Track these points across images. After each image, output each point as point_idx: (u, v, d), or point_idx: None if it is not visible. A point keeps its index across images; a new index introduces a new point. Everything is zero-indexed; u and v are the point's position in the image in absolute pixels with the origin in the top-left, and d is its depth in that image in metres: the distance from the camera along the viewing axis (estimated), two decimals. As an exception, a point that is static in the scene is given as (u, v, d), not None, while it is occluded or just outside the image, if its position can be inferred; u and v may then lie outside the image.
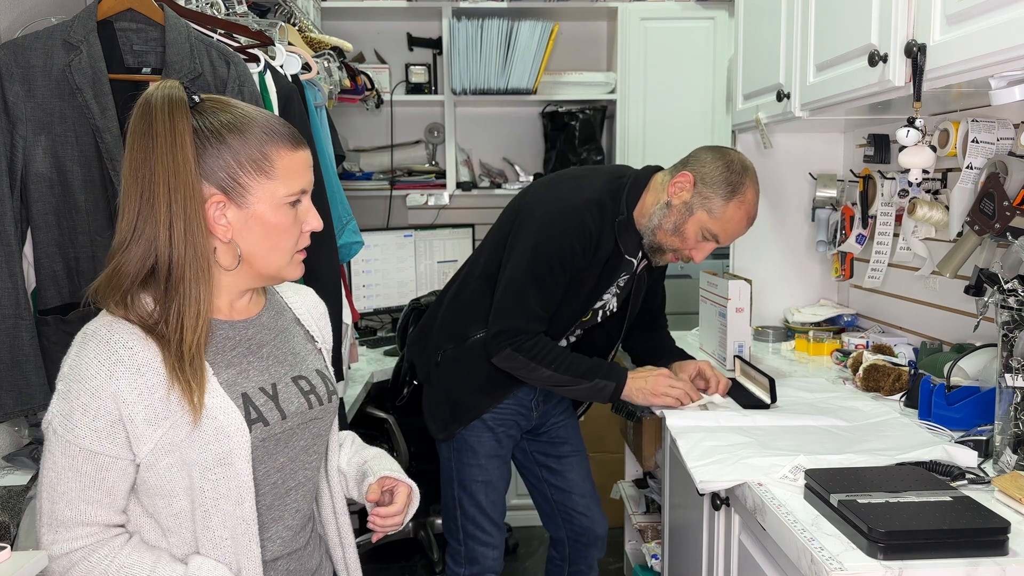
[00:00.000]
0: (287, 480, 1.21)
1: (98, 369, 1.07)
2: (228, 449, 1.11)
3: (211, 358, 1.14)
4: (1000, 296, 1.43)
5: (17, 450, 1.75)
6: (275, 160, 1.13)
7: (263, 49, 1.86)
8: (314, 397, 1.24)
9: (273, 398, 1.18)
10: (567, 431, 2.19)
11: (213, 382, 1.12)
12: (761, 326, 2.63)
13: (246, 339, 1.20)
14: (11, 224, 1.63)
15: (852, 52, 1.74)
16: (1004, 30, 1.25)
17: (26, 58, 1.62)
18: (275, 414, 1.17)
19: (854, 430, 1.68)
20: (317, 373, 1.27)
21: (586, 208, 1.89)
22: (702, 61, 3.41)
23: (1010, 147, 1.72)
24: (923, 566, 1.11)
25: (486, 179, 3.59)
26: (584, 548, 2.21)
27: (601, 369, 1.92)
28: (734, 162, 1.88)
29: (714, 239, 1.90)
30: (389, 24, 3.58)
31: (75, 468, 1.08)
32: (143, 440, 1.08)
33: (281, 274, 1.20)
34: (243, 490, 1.13)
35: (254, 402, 1.15)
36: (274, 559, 1.21)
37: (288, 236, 1.16)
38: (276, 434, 1.17)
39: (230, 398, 1.13)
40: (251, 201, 1.12)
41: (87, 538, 1.10)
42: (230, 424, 1.11)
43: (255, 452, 1.14)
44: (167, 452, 1.09)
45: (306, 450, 1.24)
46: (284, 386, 1.20)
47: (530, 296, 1.86)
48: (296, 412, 1.20)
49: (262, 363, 1.20)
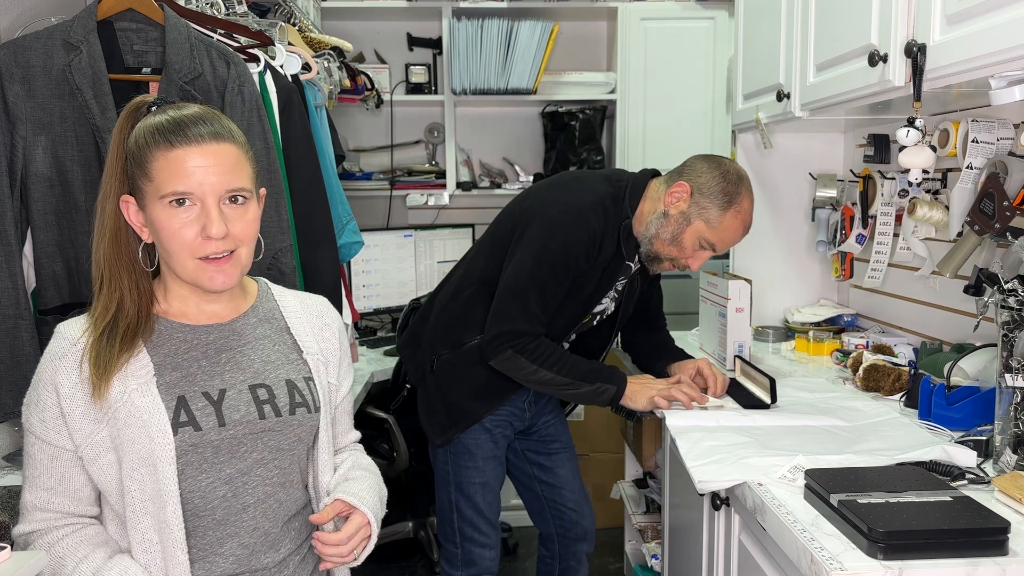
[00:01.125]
0: (240, 495, 1.18)
1: (48, 363, 1.14)
2: (150, 450, 1.11)
3: (158, 359, 1.16)
4: (1000, 296, 1.43)
5: (17, 450, 1.75)
6: (150, 160, 1.12)
7: (263, 49, 1.86)
8: (269, 407, 1.19)
9: (215, 404, 1.16)
10: (556, 429, 2.20)
11: (151, 382, 1.13)
12: (761, 326, 2.63)
13: (204, 343, 1.19)
14: (11, 224, 1.63)
15: (852, 52, 1.74)
16: (1004, 30, 1.25)
17: (26, 58, 1.62)
18: (212, 420, 1.15)
19: (854, 430, 1.68)
20: (286, 384, 1.22)
21: (591, 210, 1.89)
22: (702, 61, 3.41)
23: (1010, 147, 1.72)
24: (923, 566, 1.11)
25: (486, 179, 3.59)
26: (573, 543, 2.22)
27: (602, 372, 1.92)
28: (730, 172, 1.88)
29: (711, 248, 1.91)
30: (389, 24, 3.58)
31: (31, 455, 1.15)
32: (80, 433, 1.12)
33: (194, 281, 1.16)
34: (166, 494, 1.11)
35: (190, 406, 1.14)
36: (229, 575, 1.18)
37: (176, 240, 1.12)
38: (212, 441, 1.15)
39: (162, 399, 1.13)
40: (145, 203, 1.14)
41: (41, 523, 1.15)
42: (154, 425, 1.11)
43: (187, 457, 1.13)
44: (106, 449, 1.12)
45: (262, 463, 1.19)
46: (235, 393, 1.18)
47: (531, 298, 1.86)
48: (241, 421, 1.17)
49: (215, 368, 1.18)
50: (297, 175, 1.85)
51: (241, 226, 1.15)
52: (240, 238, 1.15)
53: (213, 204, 1.12)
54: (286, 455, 1.22)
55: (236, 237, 1.15)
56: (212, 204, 1.12)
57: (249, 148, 1.20)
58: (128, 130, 1.16)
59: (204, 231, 1.12)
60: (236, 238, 1.15)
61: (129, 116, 1.17)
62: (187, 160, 1.11)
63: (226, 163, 1.13)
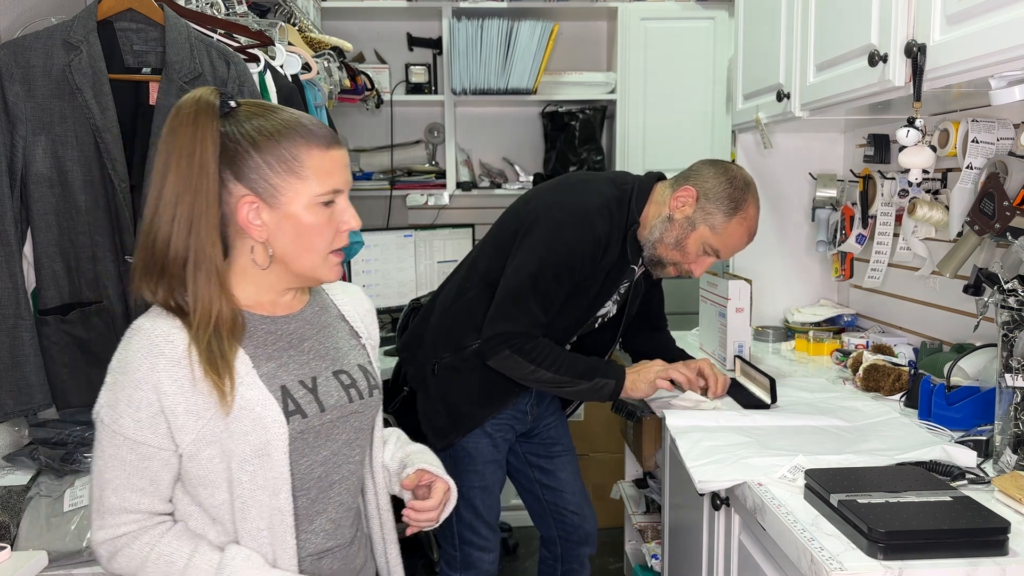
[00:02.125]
0: (331, 474, 1.23)
1: (141, 362, 1.11)
2: (265, 440, 1.13)
3: (251, 351, 1.17)
4: (1000, 296, 1.43)
5: (17, 450, 1.75)
6: (305, 160, 1.14)
7: (263, 49, 1.86)
8: (354, 391, 1.26)
9: (312, 391, 1.20)
10: (558, 431, 2.20)
11: (252, 375, 1.15)
12: (761, 326, 2.63)
13: (287, 333, 1.22)
14: (11, 224, 1.63)
15: (852, 52, 1.74)
16: (1004, 30, 1.25)
17: (26, 58, 1.62)
18: (314, 407, 1.19)
19: (854, 430, 1.68)
20: (359, 368, 1.29)
21: (596, 212, 1.88)
22: (702, 61, 3.41)
23: (1010, 147, 1.72)
24: (923, 566, 1.11)
25: (486, 179, 3.59)
26: (576, 546, 2.21)
27: (599, 368, 1.91)
28: (736, 178, 1.88)
29: (715, 254, 1.90)
30: (389, 24, 3.58)
31: (120, 457, 1.12)
32: (185, 431, 1.11)
33: (316, 275, 1.21)
34: (279, 481, 1.14)
35: (292, 395, 1.17)
36: (319, 554, 1.23)
37: (321, 236, 1.17)
38: (315, 427, 1.19)
39: (268, 390, 1.15)
40: (283, 202, 1.15)
41: (131, 525, 1.14)
42: (267, 416, 1.13)
43: (294, 444, 1.16)
44: (208, 443, 1.12)
45: (348, 444, 1.25)
46: (324, 380, 1.22)
47: (531, 299, 1.85)
48: (335, 405, 1.22)
49: (303, 357, 1.22)
50: (297, 175, 1.84)
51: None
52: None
53: (344, 200, 1.20)
54: (364, 434, 1.30)
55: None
56: (344, 200, 1.19)
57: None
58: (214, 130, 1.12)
59: (343, 224, 1.19)
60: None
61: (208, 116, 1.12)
62: (340, 160, 1.18)
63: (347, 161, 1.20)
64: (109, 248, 1.67)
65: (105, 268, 1.68)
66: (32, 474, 1.66)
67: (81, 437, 1.66)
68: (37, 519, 1.55)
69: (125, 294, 1.69)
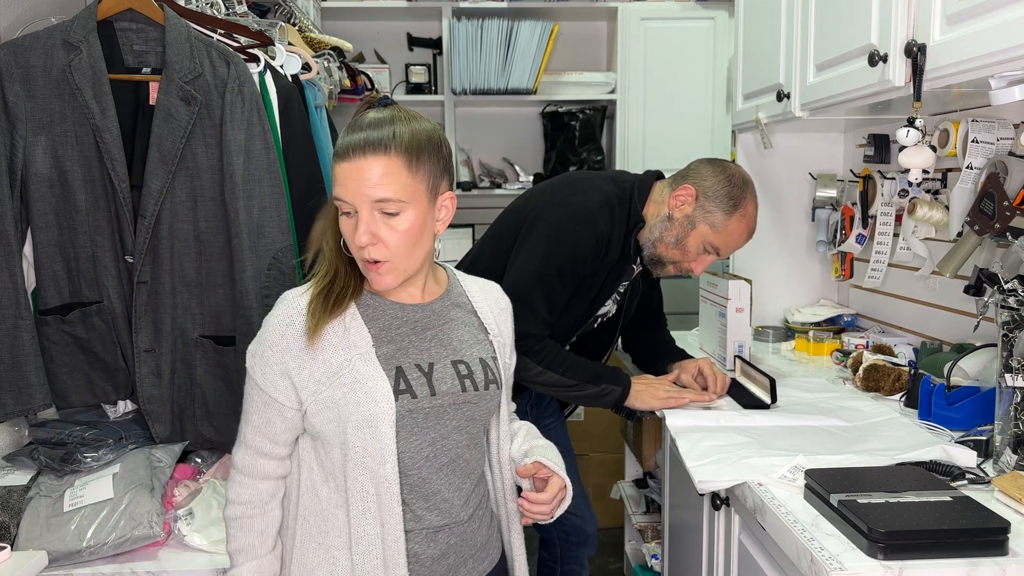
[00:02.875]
0: (439, 455, 1.29)
1: (275, 328, 1.25)
2: (374, 413, 1.22)
3: (376, 332, 1.27)
4: (1000, 296, 1.43)
5: (17, 450, 1.75)
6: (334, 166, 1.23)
7: (263, 49, 1.86)
8: (469, 381, 1.31)
9: (427, 375, 1.27)
10: (557, 433, 2.19)
11: (371, 353, 1.25)
12: (761, 326, 2.63)
13: (412, 320, 1.31)
14: (11, 224, 1.63)
15: (852, 52, 1.74)
16: (1004, 30, 1.25)
17: (26, 58, 1.62)
18: (425, 390, 1.26)
19: (854, 430, 1.68)
20: (480, 361, 1.34)
21: (598, 211, 1.88)
22: (702, 61, 3.41)
23: (1010, 147, 1.72)
24: (923, 566, 1.11)
25: (486, 179, 3.59)
26: (575, 547, 2.21)
27: (607, 374, 1.91)
28: (735, 176, 1.88)
29: (715, 252, 1.90)
30: (389, 24, 3.58)
31: (250, 396, 1.30)
32: (307, 391, 1.24)
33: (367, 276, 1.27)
34: (386, 452, 1.22)
35: (407, 376, 1.26)
36: (435, 529, 1.29)
37: (351, 242, 1.23)
38: (424, 408, 1.26)
39: (383, 369, 1.24)
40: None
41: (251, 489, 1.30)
42: (378, 391, 1.22)
43: (403, 421, 1.24)
44: (327, 407, 1.24)
45: (459, 430, 1.31)
46: (441, 367, 1.29)
47: (537, 300, 1.85)
48: (447, 392, 1.28)
49: (424, 343, 1.30)
50: (297, 175, 1.84)
51: (392, 236, 1.22)
52: (393, 249, 1.22)
53: (365, 213, 1.21)
54: (477, 424, 1.35)
55: (388, 247, 1.22)
56: (364, 213, 1.21)
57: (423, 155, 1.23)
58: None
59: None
60: (388, 248, 1.22)
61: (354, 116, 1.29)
62: (340, 174, 1.21)
63: (373, 174, 1.20)
64: (109, 248, 1.67)
65: (105, 268, 1.68)
66: (32, 474, 1.65)
67: (81, 437, 1.66)
68: (37, 519, 1.55)
69: (125, 294, 1.69)
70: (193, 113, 1.65)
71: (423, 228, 1.25)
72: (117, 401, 1.78)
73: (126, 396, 1.76)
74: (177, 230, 1.68)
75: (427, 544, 1.29)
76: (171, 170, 1.64)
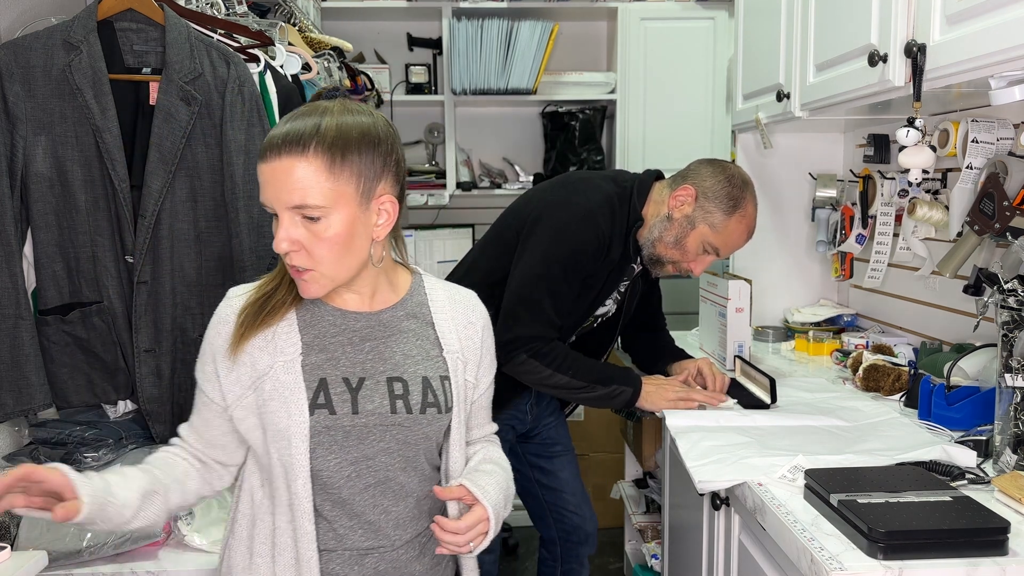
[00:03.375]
0: (363, 475, 1.21)
1: (214, 324, 1.22)
2: (287, 426, 1.16)
3: (308, 339, 1.20)
4: (1000, 296, 1.43)
5: (17, 450, 1.75)
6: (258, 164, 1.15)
7: (263, 49, 1.86)
8: (402, 403, 1.21)
9: (353, 391, 1.19)
10: (558, 432, 2.19)
11: (297, 361, 1.18)
12: (761, 326, 2.63)
13: (351, 330, 1.22)
14: (11, 224, 1.63)
15: (852, 52, 1.74)
16: (1004, 30, 1.25)
17: (26, 58, 1.62)
18: (347, 407, 1.18)
19: (854, 430, 1.68)
20: (422, 380, 1.23)
21: (599, 211, 1.88)
22: (702, 61, 3.41)
23: (1010, 147, 1.72)
24: (923, 566, 1.11)
25: (486, 179, 3.59)
26: (575, 546, 2.21)
27: (617, 375, 1.90)
28: (735, 176, 1.88)
29: (714, 252, 1.90)
30: (389, 24, 3.58)
31: (196, 396, 1.26)
32: (232, 394, 1.20)
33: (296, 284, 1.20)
34: (298, 468, 1.17)
35: (329, 390, 1.18)
36: (360, 551, 1.22)
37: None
38: (344, 426, 1.18)
39: (304, 379, 1.18)
40: None
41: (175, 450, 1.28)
42: (293, 403, 1.16)
43: (319, 437, 1.17)
44: (250, 413, 1.19)
45: (388, 452, 1.21)
46: (372, 383, 1.20)
47: (544, 301, 1.84)
48: (373, 412, 1.19)
49: (359, 356, 1.21)
50: (297, 175, 1.84)
51: (316, 245, 1.12)
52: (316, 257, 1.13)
53: (285, 217, 1.12)
54: (413, 447, 1.24)
55: (311, 255, 1.13)
56: (284, 217, 1.12)
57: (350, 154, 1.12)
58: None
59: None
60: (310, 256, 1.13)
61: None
62: (260, 175, 1.13)
63: (288, 178, 1.10)
64: (109, 248, 1.67)
65: (105, 268, 1.68)
66: (32, 474, 1.65)
67: (81, 437, 1.66)
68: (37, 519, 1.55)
69: (125, 294, 1.69)
70: (193, 113, 1.65)
71: (353, 235, 1.13)
72: (117, 401, 1.78)
73: (126, 396, 1.76)
74: (177, 230, 1.68)
75: (351, 566, 1.21)
76: (171, 170, 1.64)
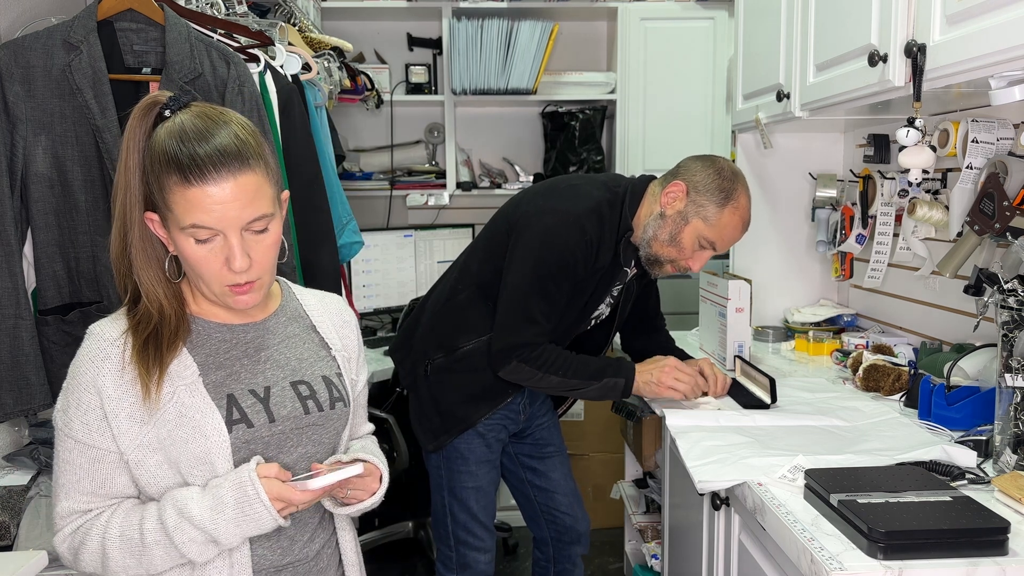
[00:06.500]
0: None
1: (88, 365, 1.11)
2: (206, 448, 1.11)
3: (201, 359, 1.15)
4: (1000, 296, 1.43)
5: (17, 450, 1.75)
6: (168, 190, 1.07)
7: (263, 49, 1.86)
8: (312, 402, 1.21)
9: (263, 401, 1.17)
10: (550, 432, 2.20)
11: (198, 383, 1.13)
12: (761, 326, 2.63)
13: (243, 342, 1.20)
14: (11, 224, 1.63)
15: (852, 52, 1.74)
16: (1004, 30, 1.25)
17: (26, 58, 1.62)
18: (262, 417, 1.16)
19: (854, 430, 1.68)
20: (323, 380, 1.24)
21: (586, 217, 1.88)
22: (702, 61, 3.41)
23: (1010, 147, 1.72)
24: (923, 566, 1.11)
25: (486, 179, 3.59)
26: (567, 546, 2.21)
27: (609, 367, 1.91)
28: (724, 169, 1.88)
29: (711, 247, 1.90)
30: (389, 24, 3.58)
31: (71, 461, 1.12)
32: (127, 436, 1.10)
33: (220, 301, 1.15)
34: None
35: (240, 404, 1.15)
36: (275, 569, 1.20)
37: (202, 268, 1.10)
38: (263, 437, 1.16)
39: (212, 399, 1.13)
40: (167, 224, 1.11)
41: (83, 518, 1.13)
42: (208, 424, 1.12)
43: (240, 454, 1.14)
44: (153, 450, 1.11)
45: (305, 457, 1.21)
46: (279, 390, 1.19)
47: (533, 308, 1.85)
48: (288, 416, 1.19)
49: (258, 366, 1.19)
50: (297, 175, 1.85)
51: (261, 252, 1.12)
52: (263, 265, 1.13)
53: (235, 237, 1.08)
54: (325, 448, 1.24)
55: (259, 264, 1.12)
56: (234, 237, 1.08)
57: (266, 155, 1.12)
58: (143, 136, 1.11)
59: (228, 263, 1.09)
60: (259, 266, 1.12)
61: (142, 119, 1.11)
62: (204, 199, 1.06)
63: (246, 195, 1.08)
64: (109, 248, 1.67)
65: (105, 268, 1.68)
66: (32, 474, 1.66)
67: (81, 437, 1.66)
68: (37, 519, 1.55)
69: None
70: (193, 113, 1.65)
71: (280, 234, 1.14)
72: (117, 401, 1.78)
73: (126, 396, 1.76)
74: (177, 230, 1.68)
75: None
76: (171, 170, 1.64)
